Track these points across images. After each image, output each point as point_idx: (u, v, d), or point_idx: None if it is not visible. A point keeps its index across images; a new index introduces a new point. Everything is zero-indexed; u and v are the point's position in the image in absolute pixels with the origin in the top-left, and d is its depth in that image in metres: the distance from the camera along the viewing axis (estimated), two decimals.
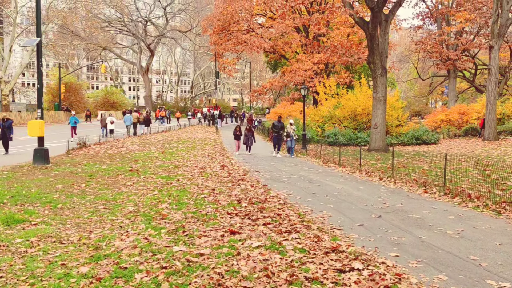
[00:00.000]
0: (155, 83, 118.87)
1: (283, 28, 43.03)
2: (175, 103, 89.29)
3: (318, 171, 15.29)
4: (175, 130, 38.68)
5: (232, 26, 48.52)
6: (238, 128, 22.43)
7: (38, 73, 14.47)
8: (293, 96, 47.11)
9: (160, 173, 13.48)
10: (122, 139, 27.37)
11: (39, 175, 12.63)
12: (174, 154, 19.82)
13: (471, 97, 59.43)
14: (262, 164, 17.47)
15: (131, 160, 17.11)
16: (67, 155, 18.68)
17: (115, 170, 13.99)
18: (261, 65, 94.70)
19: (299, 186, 11.67)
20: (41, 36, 14.28)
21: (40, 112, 14.72)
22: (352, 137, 27.39)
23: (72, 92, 61.08)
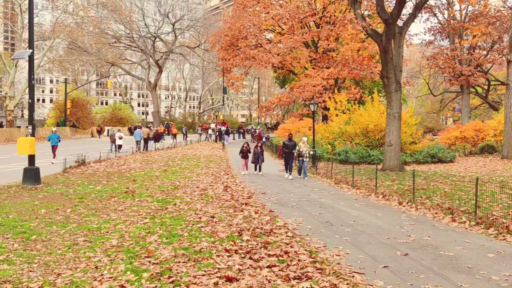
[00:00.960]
0: (164, 99, 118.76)
1: (291, 43, 42.26)
2: (183, 119, 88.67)
3: (330, 193, 14.06)
4: (181, 147, 37.68)
5: (240, 42, 47.88)
6: (246, 145, 20.31)
7: (30, 87, 13.53)
8: (302, 112, 46.08)
9: (157, 195, 12.35)
10: (125, 156, 26.38)
11: (25, 198, 11.56)
12: (176, 173, 18.72)
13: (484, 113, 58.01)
14: (269, 184, 16.28)
15: (130, 180, 16.03)
16: (63, 174, 17.67)
17: (109, 192, 12.89)
18: (269, 80, 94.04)
19: (309, 212, 10.45)
20: (33, 48, 13.38)
21: (31, 128, 13.72)
22: (364, 155, 26.14)
23: (79, 107, 60.61)
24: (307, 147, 18.83)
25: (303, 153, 18.51)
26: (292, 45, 42.51)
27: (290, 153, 18.74)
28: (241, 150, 20.24)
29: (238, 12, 47.81)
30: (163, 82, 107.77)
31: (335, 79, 41.57)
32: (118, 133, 31.46)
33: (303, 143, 18.79)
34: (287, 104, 54.78)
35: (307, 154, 18.71)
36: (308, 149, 18.76)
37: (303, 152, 18.50)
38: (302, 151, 18.49)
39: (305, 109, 44.96)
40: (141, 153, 29.34)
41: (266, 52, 45.37)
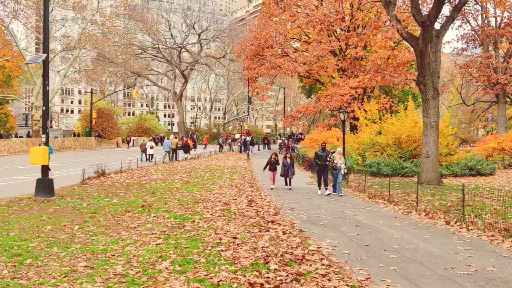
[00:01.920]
0: (189, 110, 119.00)
1: (318, 51, 41.17)
2: (208, 129, 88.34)
3: (365, 210, 12.74)
4: (205, 157, 36.82)
5: (266, 51, 47.10)
6: (274, 156, 18.22)
7: (44, 94, 12.79)
8: (329, 122, 44.73)
9: (176, 210, 11.31)
10: (147, 167, 25.61)
11: (33, 212, 10.71)
12: (198, 185, 17.71)
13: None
14: (297, 198, 15.06)
15: (148, 192, 15.08)
16: (80, 185, 16.89)
17: (124, 206, 11.95)
18: (295, 91, 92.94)
19: (345, 232, 9.20)
20: (48, 53, 12.67)
21: (45, 137, 12.94)
22: (397, 166, 24.60)
23: (105, 118, 60.82)
24: (343, 159, 16.72)
25: (338, 165, 16.36)
26: (319, 54, 41.43)
27: (323, 165, 16.66)
28: (269, 162, 18.19)
29: (264, 21, 47.09)
30: (189, 93, 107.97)
31: (363, 88, 40.19)
32: (149, 143, 32.38)
33: (337, 154, 16.70)
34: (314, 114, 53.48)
35: (343, 166, 16.58)
36: (343, 161, 16.66)
37: (338, 164, 16.37)
38: (337, 163, 16.36)
39: (332, 119, 43.62)
40: (165, 163, 28.56)
41: (292, 61, 44.38)
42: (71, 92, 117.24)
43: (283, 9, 46.44)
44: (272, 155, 18.38)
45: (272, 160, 18.07)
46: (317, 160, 17.00)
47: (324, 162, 16.59)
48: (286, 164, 17.72)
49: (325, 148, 17.42)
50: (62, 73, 46.91)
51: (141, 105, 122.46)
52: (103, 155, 38.86)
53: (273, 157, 18.15)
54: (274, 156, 18.21)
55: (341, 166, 16.38)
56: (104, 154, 40.64)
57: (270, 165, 18.04)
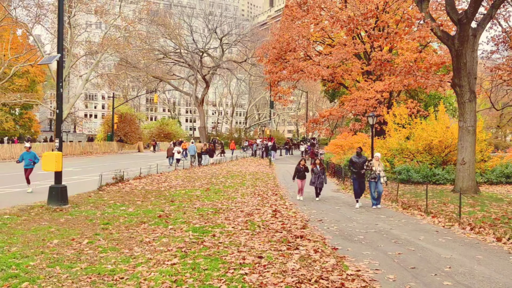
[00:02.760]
0: (211, 115, 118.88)
1: (343, 55, 40.06)
2: (229, 134, 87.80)
3: (401, 222, 11.62)
4: (226, 162, 36.03)
5: (288, 54, 46.20)
6: (303, 163, 16.21)
7: (58, 96, 12.13)
8: (354, 126, 43.48)
9: (195, 221, 10.42)
10: (167, 172, 24.91)
11: (43, 222, 9.98)
12: (219, 192, 16.84)
13: None
14: (324, 208, 14.02)
15: (167, 200, 14.27)
16: (97, 192, 16.21)
17: (140, 216, 11.14)
18: (317, 95, 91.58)
19: (384, 251, 8.13)
20: (62, 53, 12.01)
21: (59, 142, 12.26)
22: (428, 174, 23.27)
23: (127, 122, 60.74)
24: (382, 166, 14.67)
25: (377, 173, 14.24)
26: (343, 57, 40.33)
27: (359, 173, 14.62)
28: (297, 169, 16.14)
29: (287, 24, 46.21)
30: (210, 98, 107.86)
31: (389, 92, 38.90)
32: (176, 147, 32.48)
33: (376, 160, 14.61)
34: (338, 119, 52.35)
35: (382, 174, 14.42)
36: (382, 168, 14.64)
37: (377, 172, 14.27)
38: (376, 170, 14.31)
39: (357, 124, 42.37)
40: (185, 169, 27.85)
41: (315, 65, 43.39)
42: (94, 97, 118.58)
43: (306, 11, 45.47)
44: (300, 162, 16.39)
45: (301, 167, 16.12)
46: (352, 167, 14.89)
47: (360, 170, 14.63)
48: (317, 172, 15.90)
49: (361, 154, 15.23)
50: (84, 78, 46.92)
51: (163, 110, 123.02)
52: (125, 160, 38.45)
53: (301, 164, 16.19)
54: (303, 163, 16.27)
55: (381, 174, 14.40)
56: (125, 159, 40.25)
57: (299, 172, 16.10)
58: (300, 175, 16.06)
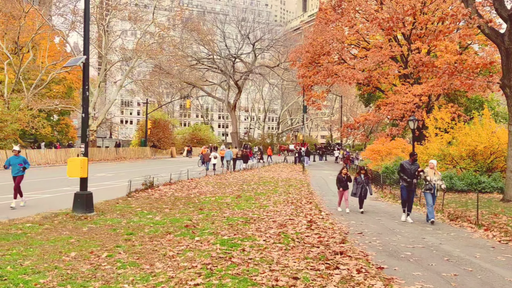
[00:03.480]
0: (243, 120, 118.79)
1: (379, 57, 38.74)
2: (261, 140, 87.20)
3: (450, 235, 10.50)
4: (258, 168, 35.28)
5: (322, 58, 45.25)
6: (346, 171, 14.81)
7: (83, 100, 11.70)
8: (391, 131, 42.00)
9: (223, 232, 9.67)
10: (198, 178, 24.38)
11: (64, 232, 9.46)
12: (250, 200, 16.08)
13: None
14: (364, 218, 13.00)
15: (196, 208, 13.61)
16: (126, 198, 15.77)
17: (167, 225, 10.49)
18: (352, 99, 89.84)
19: (437, 271, 7.12)
20: (88, 55, 11.58)
21: (84, 147, 11.81)
22: (473, 181, 21.76)
23: (160, 128, 61.03)
24: (439, 175, 12.57)
25: (433, 183, 12.34)
26: (379, 59, 39.01)
27: (411, 182, 12.78)
28: (339, 179, 14.70)
29: (320, 27, 45.27)
30: (243, 103, 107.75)
31: (428, 95, 37.35)
32: (213, 153, 33.04)
33: (431, 169, 12.60)
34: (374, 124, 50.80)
35: (439, 183, 12.40)
36: (440, 177, 12.55)
37: (433, 182, 12.36)
38: (431, 179, 12.39)
39: (394, 129, 40.88)
40: (216, 175, 27.27)
41: (350, 68, 42.27)
42: (130, 103, 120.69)
43: (340, 14, 44.44)
44: (342, 170, 14.90)
45: (343, 176, 14.66)
46: (403, 175, 12.93)
47: (413, 179, 12.76)
48: (360, 181, 14.33)
49: (415, 160, 13.16)
50: (118, 84, 47.39)
51: (196, 116, 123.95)
52: (157, 165, 38.36)
53: (343, 172, 14.73)
54: (345, 171, 14.83)
55: (437, 184, 12.36)
56: (158, 164, 40.19)
57: (341, 182, 14.64)
58: (342, 185, 14.67)
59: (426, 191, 12.44)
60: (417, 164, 13.12)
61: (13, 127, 34.87)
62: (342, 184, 14.62)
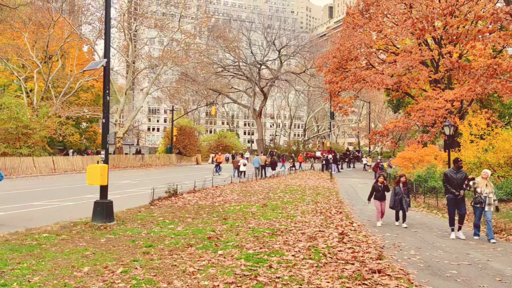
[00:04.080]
0: (269, 127, 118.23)
1: (408, 62, 37.60)
2: (287, 147, 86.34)
3: (497, 250, 9.53)
4: (284, 176, 34.51)
5: (349, 64, 44.39)
6: (382, 180, 13.37)
7: (104, 105, 11.28)
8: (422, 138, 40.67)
9: (248, 245, 8.99)
10: (222, 186, 23.81)
11: (81, 243, 8.97)
12: (276, 209, 15.36)
13: None
14: (399, 230, 12.11)
15: (220, 218, 12.99)
16: (149, 207, 15.30)
17: (189, 236, 9.89)
18: (379, 106, 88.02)
19: None
20: (109, 58, 11.18)
21: (105, 153, 11.37)
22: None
23: (186, 135, 61.03)
24: (492, 187, 10.88)
25: (484, 196, 10.77)
26: (409, 64, 37.87)
27: (459, 194, 11.11)
28: (375, 188, 13.34)
29: (348, 32, 44.42)
30: (268, 110, 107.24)
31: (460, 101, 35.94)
32: (242, 160, 32.81)
33: (483, 179, 10.96)
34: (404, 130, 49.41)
35: (491, 196, 10.76)
36: (492, 189, 10.88)
37: (484, 194, 10.79)
38: (482, 192, 10.81)
39: (426, 136, 39.51)
40: (241, 183, 26.64)
41: (379, 73, 41.21)
42: (157, 111, 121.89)
43: (368, 19, 43.55)
44: (378, 179, 13.49)
45: (379, 184, 13.30)
46: (447, 185, 11.27)
47: (459, 190, 11.11)
48: (399, 192, 12.91)
49: (460, 168, 11.45)
50: (144, 91, 47.55)
51: (222, 123, 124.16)
52: (182, 172, 38.05)
53: (380, 181, 13.33)
54: (382, 180, 13.37)
55: (490, 196, 10.74)
56: (183, 171, 39.89)
57: (377, 192, 13.29)
58: (379, 195, 13.22)
59: (476, 205, 10.90)
60: (464, 172, 11.44)
61: (41, 134, 35.17)
62: (378, 194, 13.23)
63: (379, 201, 13.19)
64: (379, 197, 13.24)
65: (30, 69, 43.73)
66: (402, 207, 12.86)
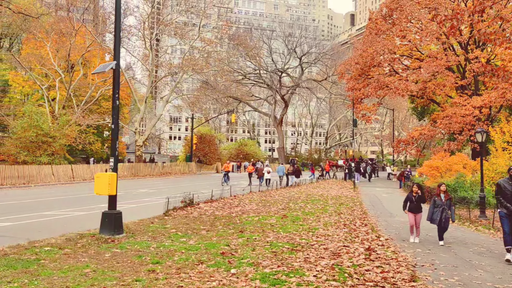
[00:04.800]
0: (290, 135, 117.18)
1: (434, 68, 36.34)
2: (308, 155, 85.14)
3: None
4: (305, 185, 33.50)
5: (372, 70, 43.30)
6: (417, 189, 11.61)
7: (113, 109, 10.65)
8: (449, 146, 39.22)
9: (265, 262, 8.15)
10: (241, 195, 23.00)
11: (83, 258, 8.27)
12: (297, 221, 14.46)
13: None
14: (432, 246, 11.05)
15: (236, 230, 12.18)
16: (163, 217, 14.61)
17: (201, 251, 9.11)
18: (403, 113, 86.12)
19: None
20: (118, 61, 10.58)
21: (114, 161, 10.72)
22: None
23: (206, 143, 60.62)
24: None
25: None
26: (435, 70, 36.59)
27: None
28: (409, 198, 11.62)
29: (371, 38, 43.36)
30: (289, 118, 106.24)
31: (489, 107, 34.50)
32: (266, 168, 32.75)
33: None
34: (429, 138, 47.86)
35: None
36: None
37: None
38: None
39: (453, 144, 38.01)
40: (260, 192, 25.78)
41: (403, 80, 40.01)
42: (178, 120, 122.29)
43: (391, 24, 42.41)
44: (413, 188, 11.73)
45: (414, 195, 11.59)
46: (501, 198, 9.48)
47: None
48: (440, 204, 11.08)
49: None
50: (164, 99, 47.34)
51: (243, 131, 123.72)
52: (201, 181, 37.47)
53: (414, 191, 11.61)
54: (416, 189, 11.59)
55: None
56: (202, 180, 39.31)
57: (411, 203, 11.59)
58: (413, 206, 11.46)
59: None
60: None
61: (60, 143, 35.13)
62: (413, 205, 11.50)
63: (412, 214, 11.53)
64: (413, 209, 11.56)
65: (53, 78, 44.04)
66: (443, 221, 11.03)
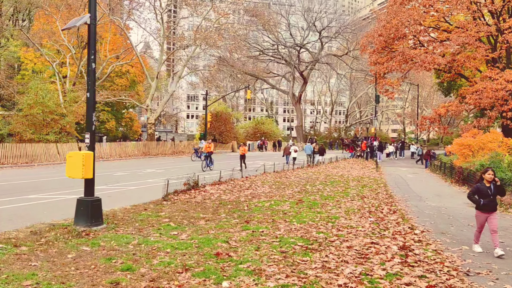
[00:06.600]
0: (309, 114, 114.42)
1: (464, 39, 33.46)
2: (328, 133, 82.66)
3: None
4: (324, 165, 31.38)
5: (396, 43, 40.47)
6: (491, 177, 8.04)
7: (89, 73, 8.69)
8: (478, 123, 36.61)
9: (271, 268, 6.19)
10: (253, 176, 21.07)
11: (36, 261, 6.43)
12: (314, 207, 12.47)
13: None
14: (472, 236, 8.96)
15: (241, 219, 10.26)
16: (160, 202, 12.80)
17: (190, 251, 7.20)
18: (426, 90, 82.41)
19: None
20: (94, 15, 8.57)
21: (90, 138, 8.80)
22: None
23: (222, 121, 58.66)
24: None
25: None
26: (464, 41, 33.72)
27: None
28: (478, 189, 8.15)
29: (395, 8, 40.38)
30: (308, 96, 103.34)
31: None
32: (293, 146, 32.08)
33: None
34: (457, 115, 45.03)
35: None
36: None
37: None
38: None
39: (482, 120, 35.36)
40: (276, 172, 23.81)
41: (429, 53, 37.23)
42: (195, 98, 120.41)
43: None
44: (486, 174, 8.08)
45: (487, 185, 8.08)
46: None
47: None
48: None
49: None
50: (177, 75, 45.38)
51: (261, 110, 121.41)
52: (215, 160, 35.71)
53: (487, 178, 8.07)
54: (491, 175, 8.04)
55: None
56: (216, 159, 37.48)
57: (484, 197, 8.07)
58: (488, 202, 8.02)
59: None
60: None
61: (68, 120, 33.64)
62: (486, 201, 8.04)
63: (483, 213, 8.11)
64: (486, 206, 8.04)
65: (64, 54, 42.47)
66: None
